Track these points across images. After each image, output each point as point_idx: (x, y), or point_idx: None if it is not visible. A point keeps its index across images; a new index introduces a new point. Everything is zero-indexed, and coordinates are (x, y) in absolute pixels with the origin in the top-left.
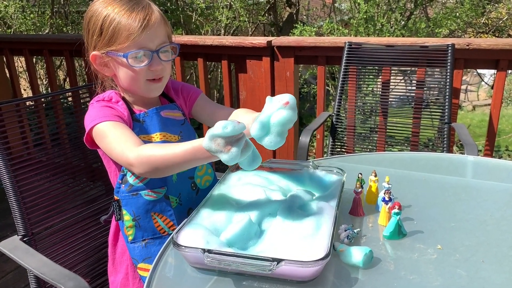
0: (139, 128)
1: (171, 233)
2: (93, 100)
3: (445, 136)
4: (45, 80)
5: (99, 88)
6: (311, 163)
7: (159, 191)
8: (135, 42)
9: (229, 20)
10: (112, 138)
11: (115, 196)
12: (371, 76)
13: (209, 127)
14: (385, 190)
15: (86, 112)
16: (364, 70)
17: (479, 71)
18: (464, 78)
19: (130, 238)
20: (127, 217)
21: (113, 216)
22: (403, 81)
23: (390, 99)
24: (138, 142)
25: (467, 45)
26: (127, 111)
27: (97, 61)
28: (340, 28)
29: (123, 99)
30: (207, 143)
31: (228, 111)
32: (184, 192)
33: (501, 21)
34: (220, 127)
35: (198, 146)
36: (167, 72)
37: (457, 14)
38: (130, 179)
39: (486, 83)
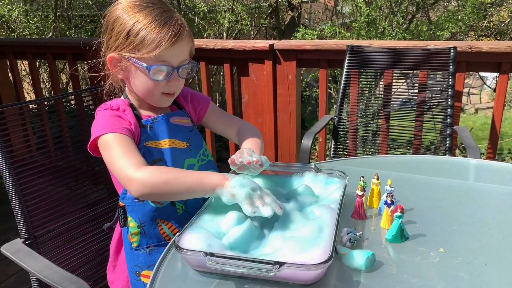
0: (146, 134)
1: None
2: (100, 107)
3: (448, 139)
4: (48, 84)
5: (106, 88)
6: (313, 166)
7: None
8: (160, 56)
9: (231, 24)
10: (116, 151)
11: (120, 202)
12: (373, 79)
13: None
14: (387, 193)
15: (92, 117)
16: (366, 73)
17: (482, 74)
18: (466, 81)
19: (135, 245)
20: (132, 223)
21: (117, 223)
22: (405, 84)
23: (392, 102)
24: (142, 161)
25: (469, 48)
26: (134, 119)
27: (113, 62)
28: (342, 31)
29: (131, 105)
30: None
31: (239, 123)
32: (191, 199)
33: (503, 24)
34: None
35: (210, 181)
36: (181, 86)
37: (459, 17)
38: None
39: (488, 86)
